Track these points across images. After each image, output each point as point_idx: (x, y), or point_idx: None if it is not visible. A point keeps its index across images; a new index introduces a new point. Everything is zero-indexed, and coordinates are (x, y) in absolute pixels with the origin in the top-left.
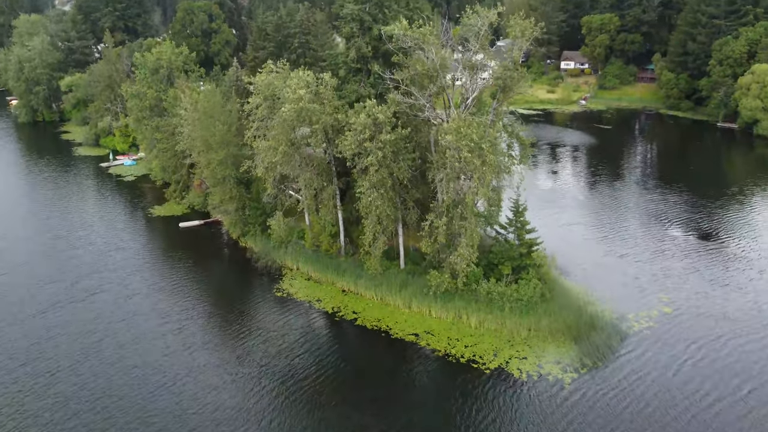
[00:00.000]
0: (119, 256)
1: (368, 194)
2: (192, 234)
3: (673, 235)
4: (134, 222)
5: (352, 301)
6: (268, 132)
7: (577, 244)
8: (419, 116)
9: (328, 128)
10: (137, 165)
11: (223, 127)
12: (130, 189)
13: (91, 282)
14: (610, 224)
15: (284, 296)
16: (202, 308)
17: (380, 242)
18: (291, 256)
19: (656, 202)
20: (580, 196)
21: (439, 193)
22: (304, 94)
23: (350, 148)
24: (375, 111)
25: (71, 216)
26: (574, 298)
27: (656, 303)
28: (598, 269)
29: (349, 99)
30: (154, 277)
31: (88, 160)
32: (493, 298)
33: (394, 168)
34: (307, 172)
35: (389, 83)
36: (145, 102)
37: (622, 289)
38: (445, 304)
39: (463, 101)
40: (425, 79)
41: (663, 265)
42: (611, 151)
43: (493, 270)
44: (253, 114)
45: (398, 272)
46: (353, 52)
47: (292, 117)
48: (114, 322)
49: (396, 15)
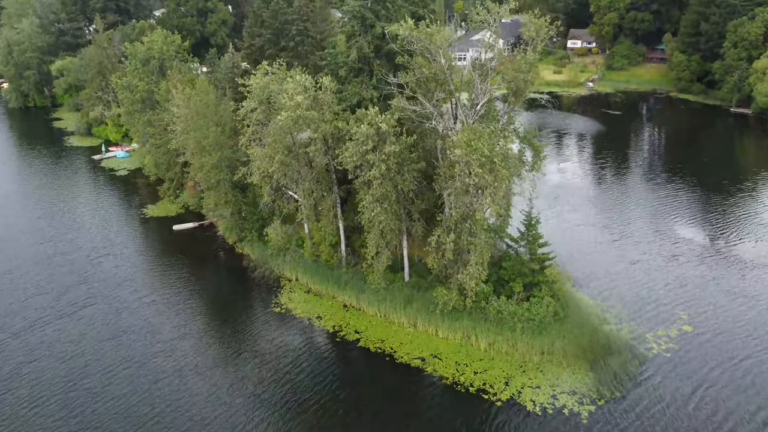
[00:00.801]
0: (109, 263)
1: (371, 209)
2: (186, 238)
3: (686, 236)
4: (126, 224)
5: (354, 318)
6: (264, 138)
7: (588, 249)
8: (425, 123)
9: (328, 137)
10: (130, 157)
11: (217, 128)
12: (123, 185)
13: (78, 293)
14: (620, 225)
15: (283, 312)
16: (195, 326)
17: (384, 257)
18: (289, 266)
19: (668, 198)
20: (589, 192)
21: (447, 207)
22: (302, 100)
23: (351, 161)
24: (378, 120)
25: (62, 216)
26: (588, 315)
27: (675, 320)
28: (611, 279)
29: (350, 102)
30: (145, 289)
31: (80, 151)
32: (503, 318)
33: (399, 180)
34: (305, 181)
35: (393, 87)
36: (136, 95)
37: (637, 304)
38: (452, 323)
39: (473, 106)
40: (432, 82)
41: (678, 273)
42: (620, 140)
43: (504, 286)
44: (247, 118)
45: (403, 286)
46: (354, 52)
47: (288, 125)
48: (102, 342)
49: (400, 11)
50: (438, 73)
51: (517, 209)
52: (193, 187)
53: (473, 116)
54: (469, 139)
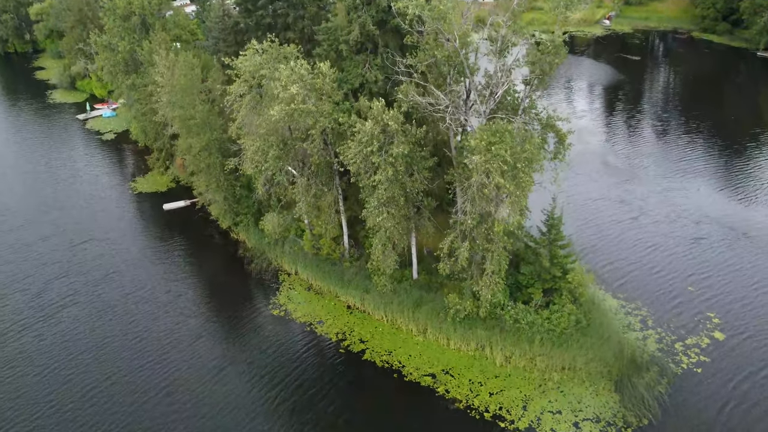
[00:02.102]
0: (94, 251)
1: (376, 213)
2: (177, 219)
3: (710, 213)
4: (113, 201)
5: (359, 322)
6: (256, 129)
7: (606, 231)
8: (438, 114)
9: (328, 131)
10: (117, 116)
11: (204, 107)
12: (110, 152)
13: (59, 290)
14: (639, 198)
15: (282, 315)
16: (184, 332)
17: (390, 260)
18: (289, 258)
19: (690, 165)
20: (606, 158)
21: (460, 211)
22: (297, 91)
23: (354, 162)
24: (385, 117)
25: (43, 191)
26: (611, 320)
27: (704, 324)
28: (633, 270)
29: (352, 85)
30: (131, 285)
31: (64, 109)
32: (521, 327)
33: (408, 182)
34: (303, 176)
35: (400, 70)
36: (118, 56)
37: (662, 303)
38: (465, 331)
39: (491, 95)
40: (444, 66)
41: (703, 261)
42: (638, 92)
43: (521, 290)
44: (236, 102)
45: (411, 286)
46: (356, 29)
47: (282, 119)
48: (83, 353)
49: None
50: (452, 56)
51: (536, 205)
52: (182, 165)
53: (491, 103)
54: (488, 142)
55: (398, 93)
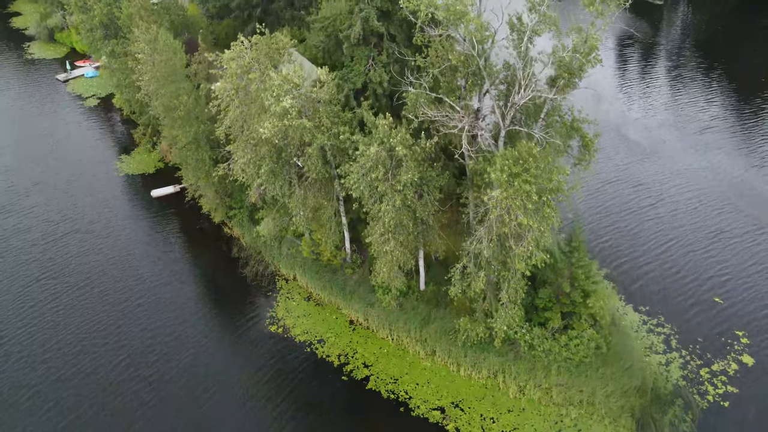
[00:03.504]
0: (75, 245)
1: (382, 242)
2: (166, 209)
3: (733, 201)
4: (98, 184)
5: (363, 342)
6: (246, 137)
7: (621, 222)
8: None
9: (327, 148)
10: (100, 76)
11: (189, 98)
12: (93, 121)
13: (33, 296)
14: (657, 182)
15: (279, 332)
16: (173, 348)
17: (398, 281)
18: (286, 261)
19: (713, 140)
20: (623, 130)
21: (475, 240)
22: (290, 105)
23: (356, 189)
24: (392, 140)
25: (19, 170)
26: (633, 342)
27: (732, 344)
28: (651, 271)
29: (354, 84)
30: (112, 290)
31: (42, 66)
32: (536, 354)
33: (418, 207)
34: (301, 188)
35: (408, 75)
36: (95, 19)
37: (685, 317)
38: (476, 357)
39: (511, 105)
40: (460, 72)
41: (725, 260)
42: (661, 45)
43: (537, 311)
44: (222, 101)
45: (418, 300)
46: (358, 24)
47: (275, 136)
48: (57, 383)
49: None
50: (468, 61)
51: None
52: (168, 151)
53: (511, 112)
54: (511, 173)
55: (406, 98)
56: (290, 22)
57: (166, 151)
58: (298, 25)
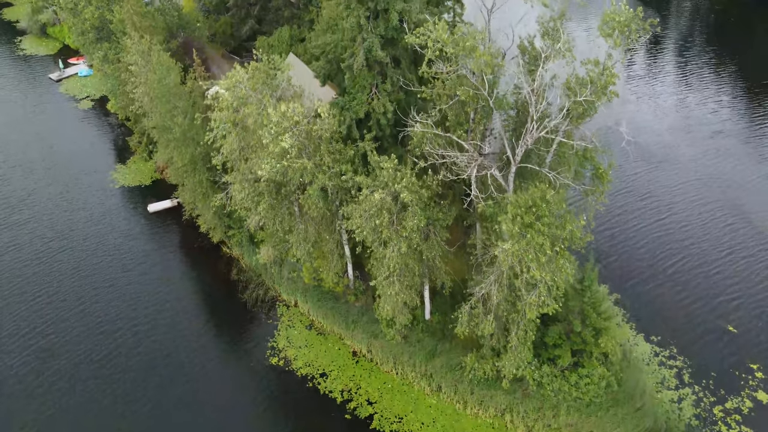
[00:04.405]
0: (67, 262)
1: (387, 284)
2: (162, 223)
3: (744, 213)
4: (93, 196)
5: (366, 376)
6: (243, 168)
7: (629, 239)
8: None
9: (329, 188)
10: (94, 76)
11: (185, 119)
12: (87, 125)
13: (21, 322)
14: (666, 193)
15: (280, 364)
16: (164, 386)
17: (403, 317)
18: (287, 286)
19: (724, 145)
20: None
21: (485, 286)
22: (290, 145)
23: (359, 234)
24: (397, 185)
25: (11, 180)
26: (644, 377)
27: (746, 380)
28: (660, 296)
29: (356, 114)
30: (106, 316)
31: (34, 63)
32: (545, 393)
33: (425, 249)
34: (301, 222)
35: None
36: (86, 23)
37: (696, 348)
38: (483, 394)
39: (522, 143)
40: (469, 107)
41: (731, 278)
42: (671, 35)
43: (546, 348)
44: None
45: (423, 332)
46: (361, 55)
47: (273, 177)
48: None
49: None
50: (477, 97)
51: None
52: (163, 169)
53: (520, 151)
54: (523, 224)
55: (411, 134)
56: (289, 20)
57: (162, 168)
58: (298, 24)
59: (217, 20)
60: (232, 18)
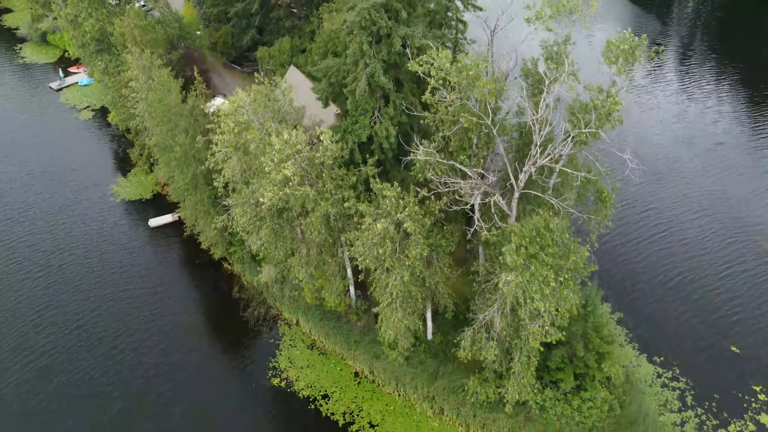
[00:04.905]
0: (70, 278)
1: (389, 312)
2: (163, 238)
3: (742, 229)
4: (92, 211)
5: (368, 397)
6: (245, 193)
7: (629, 255)
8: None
9: (331, 216)
10: (94, 84)
11: (186, 139)
12: (88, 136)
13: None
14: (667, 208)
15: (282, 385)
16: (166, 405)
17: (406, 341)
18: (289, 304)
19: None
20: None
21: (489, 315)
22: (292, 173)
23: (362, 262)
24: (399, 215)
25: (11, 191)
26: (647, 400)
27: (749, 402)
28: (659, 311)
29: (359, 137)
30: (106, 336)
31: (35, 71)
32: (548, 417)
33: (428, 276)
34: (303, 246)
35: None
36: (86, 36)
37: (697, 367)
38: (486, 417)
39: (526, 170)
40: (472, 132)
41: (732, 295)
42: (672, 42)
43: (549, 371)
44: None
45: (425, 353)
46: (363, 81)
47: (275, 204)
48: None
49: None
50: (480, 125)
51: None
52: (165, 184)
53: (524, 177)
54: (527, 255)
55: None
56: (290, 31)
57: (163, 184)
58: (299, 35)
59: (218, 29)
60: (233, 28)
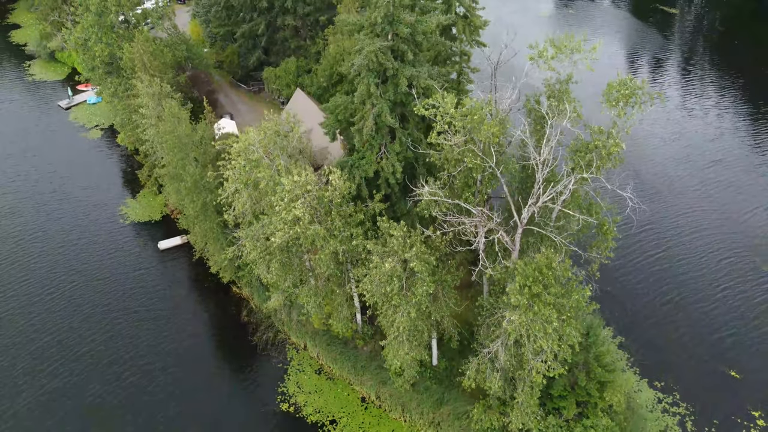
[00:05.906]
0: (78, 301)
1: (397, 345)
2: (173, 263)
3: (738, 248)
4: (101, 233)
5: (375, 423)
6: (255, 227)
7: (626, 273)
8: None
9: (340, 253)
10: (103, 103)
11: (196, 169)
12: (96, 156)
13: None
14: (666, 227)
15: (290, 410)
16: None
17: (412, 370)
18: (297, 329)
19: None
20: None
21: (492, 347)
22: (302, 212)
23: (370, 298)
24: (406, 254)
25: (21, 213)
26: (648, 425)
27: (747, 427)
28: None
29: (366, 173)
30: (110, 353)
31: (43, 90)
32: None
33: (434, 311)
34: (312, 278)
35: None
36: (95, 60)
37: (699, 393)
38: None
39: (529, 206)
40: (476, 171)
41: (730, 315)
42: (675, 56)
43: (551, 398)
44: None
45: (430, 379)
46: (370, 120)
47: (285, 243)
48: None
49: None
50: (483, 166)
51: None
52: (173, 211)
53: (527, 214)
54: (531, 295)
55: (419, 196)
56: (296, 51)
57: (172, 210)
58: (304, 55)
59: (225, 48)
60: (240, 47)
